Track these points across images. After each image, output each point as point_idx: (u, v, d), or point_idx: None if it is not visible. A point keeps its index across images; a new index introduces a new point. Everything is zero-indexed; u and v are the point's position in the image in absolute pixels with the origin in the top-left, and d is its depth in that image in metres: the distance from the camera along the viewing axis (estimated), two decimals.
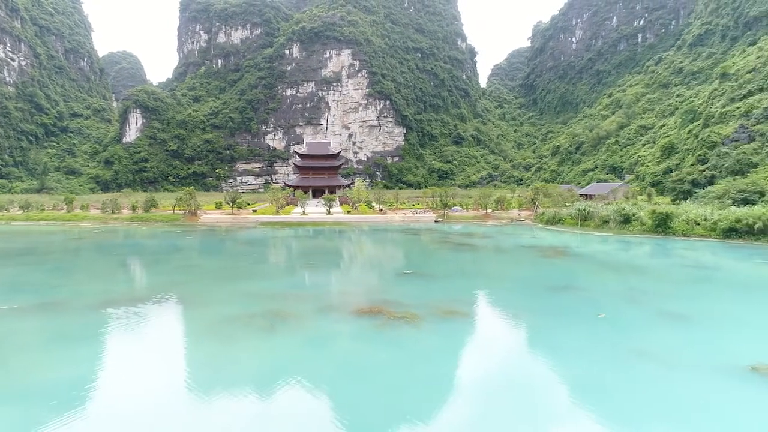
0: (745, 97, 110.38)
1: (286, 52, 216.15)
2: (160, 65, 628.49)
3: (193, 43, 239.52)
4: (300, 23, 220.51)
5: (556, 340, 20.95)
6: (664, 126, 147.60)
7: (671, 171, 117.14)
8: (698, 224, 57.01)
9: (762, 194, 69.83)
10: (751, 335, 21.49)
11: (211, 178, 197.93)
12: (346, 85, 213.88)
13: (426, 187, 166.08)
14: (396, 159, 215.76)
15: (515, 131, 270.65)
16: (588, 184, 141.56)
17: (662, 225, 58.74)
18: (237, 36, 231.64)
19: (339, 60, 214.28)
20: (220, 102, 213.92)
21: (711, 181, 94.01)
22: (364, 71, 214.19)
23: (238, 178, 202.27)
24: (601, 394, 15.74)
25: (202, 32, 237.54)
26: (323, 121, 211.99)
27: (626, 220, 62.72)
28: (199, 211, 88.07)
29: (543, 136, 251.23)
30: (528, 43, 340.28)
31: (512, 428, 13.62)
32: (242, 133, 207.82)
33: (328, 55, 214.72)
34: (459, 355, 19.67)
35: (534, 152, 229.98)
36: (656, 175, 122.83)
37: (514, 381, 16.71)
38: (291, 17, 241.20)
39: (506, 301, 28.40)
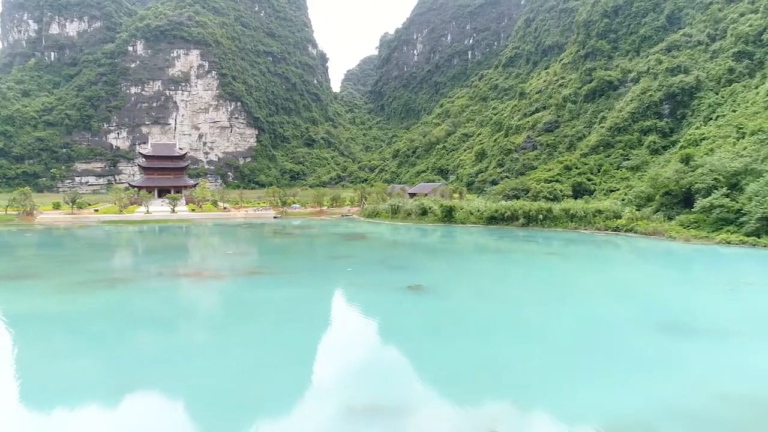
0: (533, 113, 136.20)
1: (130, 48, 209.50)
2: None
3: (20, 32, 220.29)
4: (144, 20, 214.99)
5: (313, 281, 32.73)
6: (480, 134, 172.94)
7: (481, 172, 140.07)
8: (472, 214, 74.19)
9: (527, 191, 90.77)
10: (426, 274, 35.35)
11: (45, 179, 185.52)
12: (196, 86, 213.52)
13: (279, 187, 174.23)
14: (248, 160, 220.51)
15: (364, 135, 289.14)
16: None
17: (448, 215, 75.19)
18: (73, 28, 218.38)
19: (187, 60, 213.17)
20: (54, 98, 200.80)
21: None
22: (213, 72, 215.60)
23: (77, 179, 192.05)
24: (328, 301, 27.63)
25: (30, 21, 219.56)
26: (171, 121, 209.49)
27: (423, 212, 78.56)
28: (35, 212, 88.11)
29: (389, 140, 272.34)
30: (377, 52, 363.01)
31: (280, 323, 24.79)
32: (81, 131, 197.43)
33: (175, 54, 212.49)
34: (246, 290, 30.39)
35: (380, 155, 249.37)
36: (471, 176, 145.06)
37: (283, 303, 27.95)
38: (135, 13, 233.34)
39: (294, 265, 39.88)
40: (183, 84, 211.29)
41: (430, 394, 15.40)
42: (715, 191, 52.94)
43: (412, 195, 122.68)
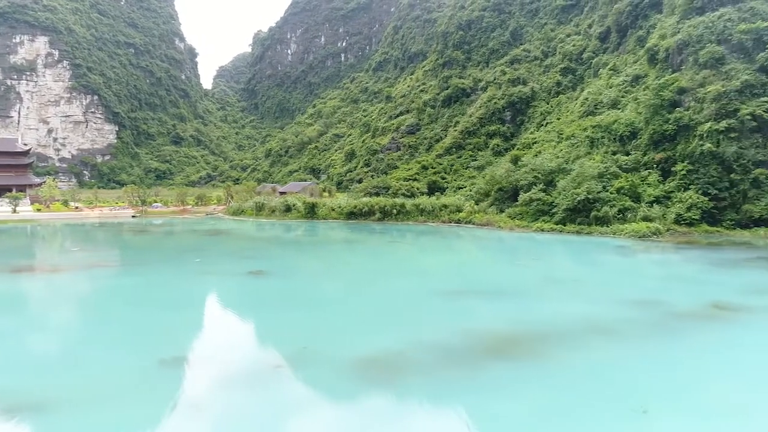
0: (398, 116, 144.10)
1: None
2: None
3: None
4: None
5: (157, 271, 34.06)
6: (350, 135, 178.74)
7: (350, 172, 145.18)
8: (334, 210, 78.10)
9: (388, 189, 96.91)
10: (272, 262, 38.31)
11: None
12: (44, 76, 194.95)
13: (139, 186, 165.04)
14: (107, 158, 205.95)
15: (237, 133, 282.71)
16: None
17: (311, 212, 78.37)
18: None
19: (33, 47, 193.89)
20: None
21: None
22: (65, 62, 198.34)
23: None
24: (168, 286, 29.24)
25: None
26: (14, 114, 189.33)
27: (288, 209, 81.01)
28: None
29: (263, 139, 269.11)
30: (250, 49, 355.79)
31: (116, 306, 25.94)
32: None
33: (18, 39, 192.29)
34: (86, 281, 30.92)
35: (252, 154, 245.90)
36: (341, 176, 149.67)
37: (121, 290, 29.00)
38: None
39: (143, 258, 40.56)
40: (28, 73, 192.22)
41: (245, 347, 18.40)
42: (534, 187, 61.94)
43: (282, 194, 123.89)
